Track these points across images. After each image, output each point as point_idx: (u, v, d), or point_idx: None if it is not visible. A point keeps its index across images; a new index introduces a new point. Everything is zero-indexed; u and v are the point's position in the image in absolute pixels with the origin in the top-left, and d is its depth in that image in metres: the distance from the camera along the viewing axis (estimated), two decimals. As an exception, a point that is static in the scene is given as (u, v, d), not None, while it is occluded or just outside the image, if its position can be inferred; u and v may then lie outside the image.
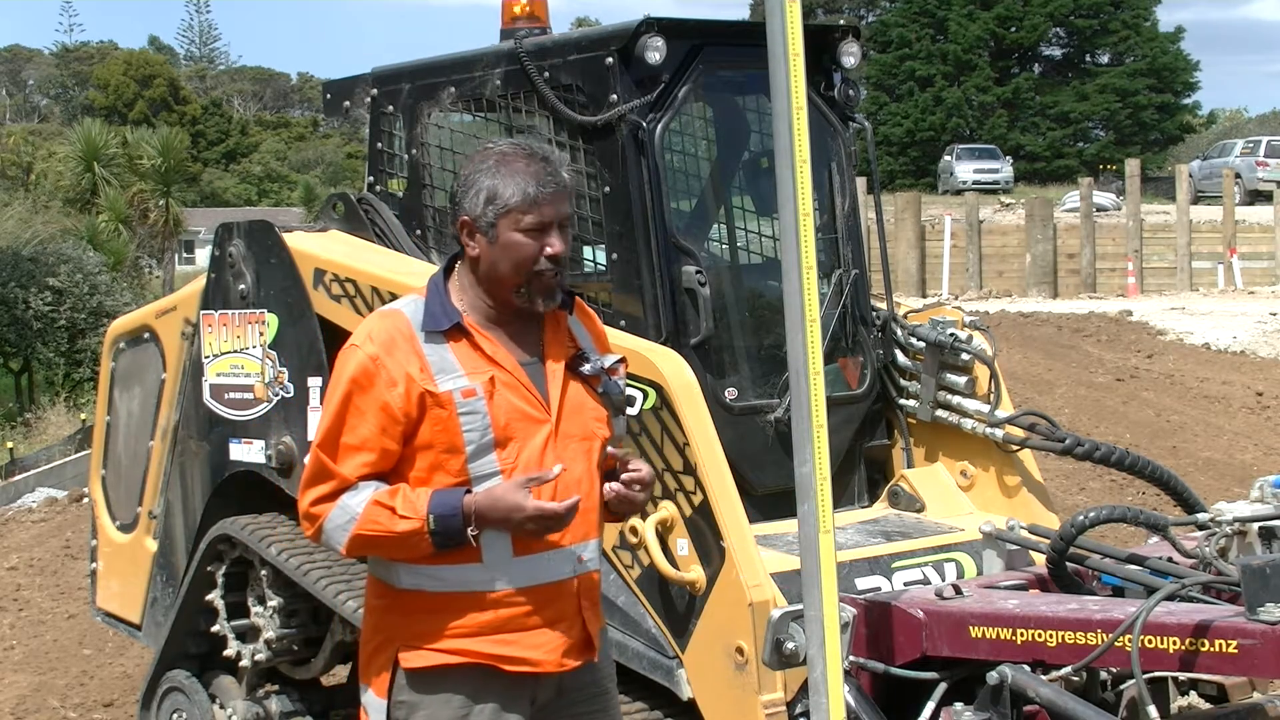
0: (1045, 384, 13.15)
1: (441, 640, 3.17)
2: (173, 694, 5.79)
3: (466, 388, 3.13)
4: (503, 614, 3.16)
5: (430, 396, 3.12)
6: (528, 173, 3.15)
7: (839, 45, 5.11)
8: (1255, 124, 54.40)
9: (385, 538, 3.11)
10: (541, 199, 3.14)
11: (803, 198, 3.38)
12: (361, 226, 5.39)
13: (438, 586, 3.17)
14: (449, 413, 3.12)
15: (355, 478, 3.14)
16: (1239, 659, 3.40)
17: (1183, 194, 28.98)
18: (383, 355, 3.14)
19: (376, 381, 3.13)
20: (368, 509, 3.11)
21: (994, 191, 38.72)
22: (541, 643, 3.19)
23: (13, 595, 9.87)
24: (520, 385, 3.18)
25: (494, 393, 3.14)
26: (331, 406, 3.18)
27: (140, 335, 6.03)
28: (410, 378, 3.12)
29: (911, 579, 4.55)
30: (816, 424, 3.38)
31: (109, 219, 34.92)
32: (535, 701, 3.25)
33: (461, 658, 3.17)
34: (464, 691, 3.18)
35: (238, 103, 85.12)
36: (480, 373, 3.16)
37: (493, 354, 3.18)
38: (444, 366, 3.15)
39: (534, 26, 5.13)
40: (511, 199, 3.14)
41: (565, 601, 3.21)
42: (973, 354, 5.01)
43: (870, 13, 57.13)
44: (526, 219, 3.14)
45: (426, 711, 3.19)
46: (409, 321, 3.19)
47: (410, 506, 3.09)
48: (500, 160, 3.18)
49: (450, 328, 3.18)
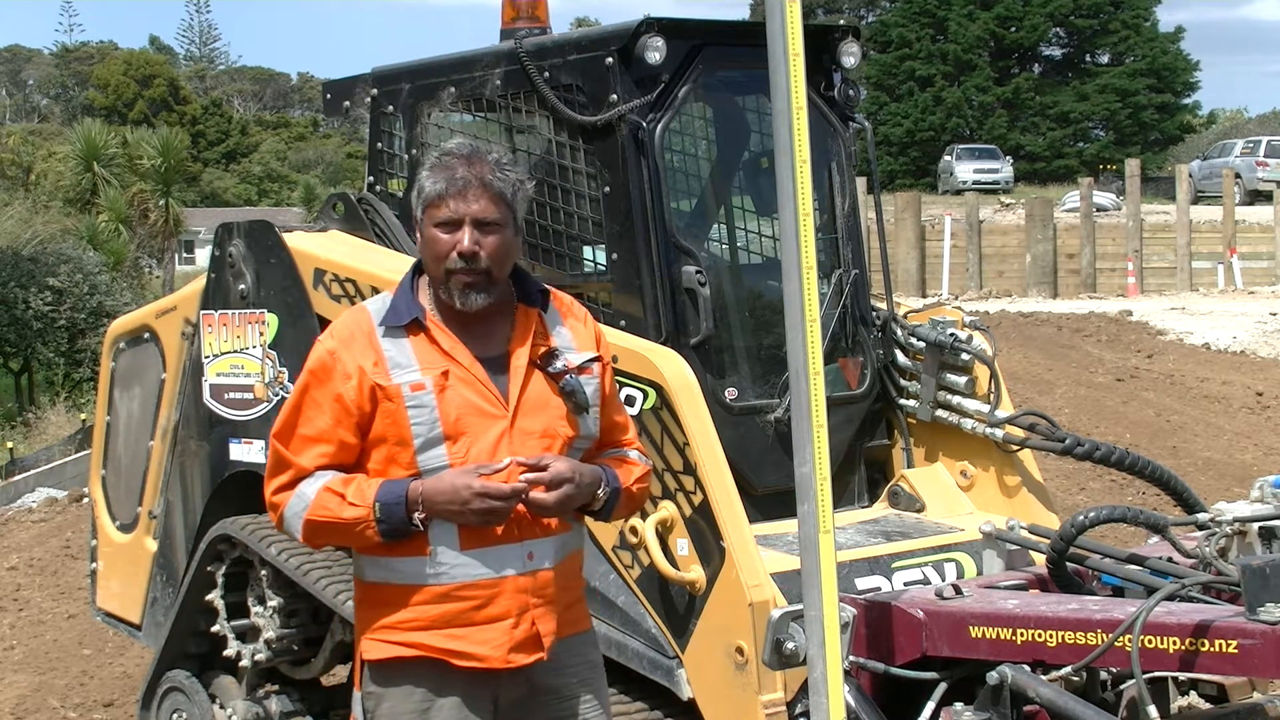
0: (1045, 384, 13.15)
1: (396, 632, 3.24)
2: (173, 694, 5.79)
3: (415, 381, 3.20)
4: (450, 608, 3.21)
5: (380, 390, 3.19)
6: (449, 169, 3.21)
7: (839, 45, 5.11)
8: (1255, 124, 54.37)
9: (334, 524, 3.19)
10: (451, 194, 3.19)
11: (803, 198, 3.38)
12: (361, 226, 5.39)
13: (394, 579, 3.24)
14: (397, 406, 3.19)
15: (313, 468, 3.22)
16: (1239, 659, 3.40)
17: (1183, 194, 28.98)
18: (340, 349, 3.25)
19: (333, 375, 3.23)
20: (319, 495, 3.19)
21: (994, 191, 38.72)
22: (488, 638, 3.22)
23: (13, 595, 9.87)
24: (476, 380, 3.22)
25: (446, 387, 3.20)
26: (291, 398, 3.30)
27: (140, 335, 6.03)
28: (363, 371, 3.21)
29: (911, 579, 4.55)
30: (816, 424, 3.38)
31: (109, 219, 34.92)
32: (499, 702, 3.29)
33: (414, 650, 3.23)
34: (425, 685, 3.24)
35: (238, 103, 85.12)
36: (434, 367, 3.22)
37: (450, 349, 3.23)
38: (399, 360, 3.22)
39: (534, 26, 5.13)
40: (429, 193, 3.22)
41: (512, 598, 3.23)
42: (973, 354, 5.01)
43: (870, 13, 57.13)
44: (439, 213, 3.21)
45: (390, 704, 3.26)
46: (370, 317, 3.28)
47: (360, 494, 3.17)
48: (438, 156, 3.27)
49: (409, 322, 3.24)
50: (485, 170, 3.21)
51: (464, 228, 3.19)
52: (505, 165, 3.26)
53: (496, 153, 3.28)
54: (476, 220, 3.20)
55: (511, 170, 3.27)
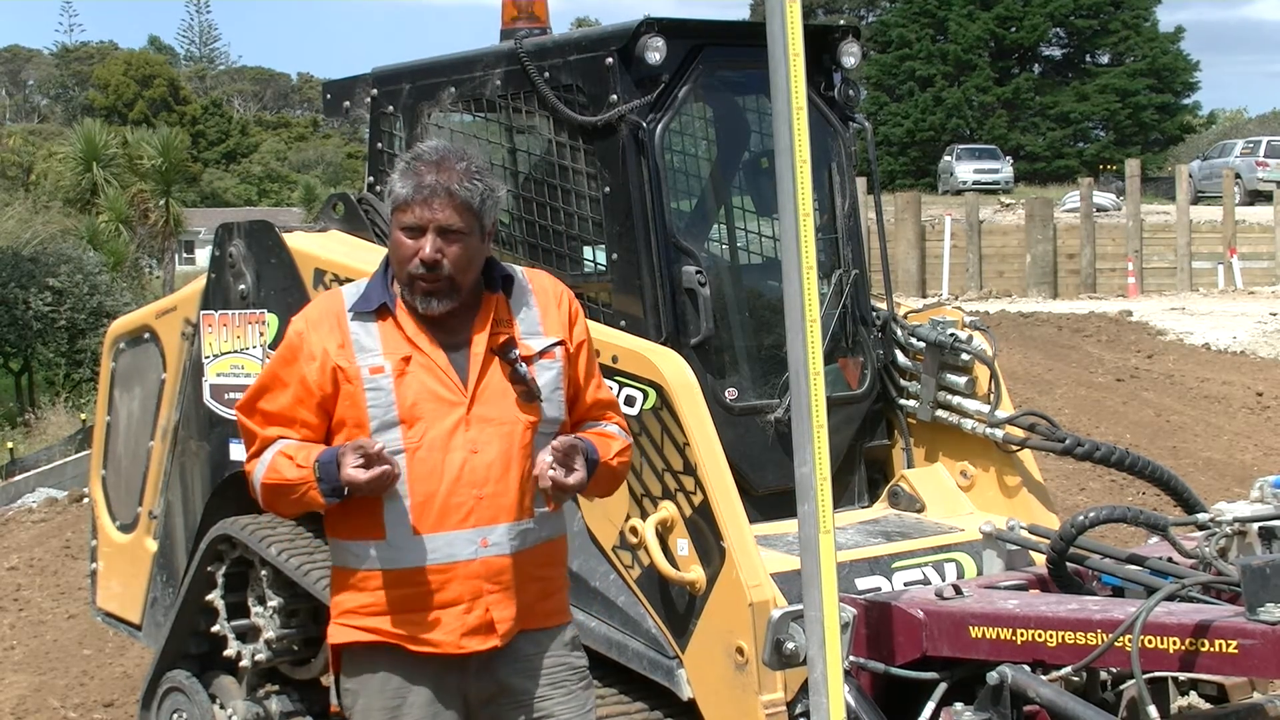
0: (1045, 384, 13.15)
1: (356, 617, 3.29)
2: (173, 694, 5.79)
3: (375, 365, 3.24)
4: (404, 593, 3.25)
5: (340, 371, 3.25)
6: (417, 175, 3.22)
7: (839, 45, 5.11)
8: (1255, 124, 54.33)
9: (282, 485, 3.24)
10: (416, 200, 3.21)
11: (803, 198, 3.38)
12: (361, 226, 5.39)
13: (353, 563, 3.30)
14: (356, 388, 3.24)
15: (275, 438, 3.28)
16: (1239, 659, 3.40)
17: (1183, 194, 28.97)
18: (308, 330, 3.30)
19: (299, 355, 3.29)
20: (274, 458, 3.26)
21: (994, 192, 38.71)
22: (440, 623, 3.24)
23: (13, 595, 9.87)
24: (436, 367, 3.25)
25: (405, 372, 3.24)
26: (260, 373, 3.40)
27: (140, 335, 6.03)
28: (326, 353, 3.26)
29: (911, 579, 4.54)
30: (816, 424, 3.38)
31: (109, 219, 34.94)
32: (469, 700, 3.31)
33: (373, 635, 3.27)
34: (395, 680, 3.27)
35: (238, 103, 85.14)
36: (397, 352, 3.26)
37: (413, 336, 3.27)
38: (365, 345, 3.27)
39: (534, 27, 5.13)
40: (396, 196, 3.24)
41: (464, 583, 3.24)
42: (973, 354, 5.01)
43: (870, 13, 57.13)
44: (405, 218, 3.24)
45: (365, 700, 3.31)
46: (344, 301, 3.33)
47: (306, 457, 3.21)
48: (410, 159, 3.28)
49: (378, 307, 3.28)
50: (452, 179, 3.21)
51: (427, 235, 3.21)
52: (474, 173, 3.25)
53: (467, 159, 3.27)
54: (441, 228, 3.21)
55: (480, 178, 3.26)
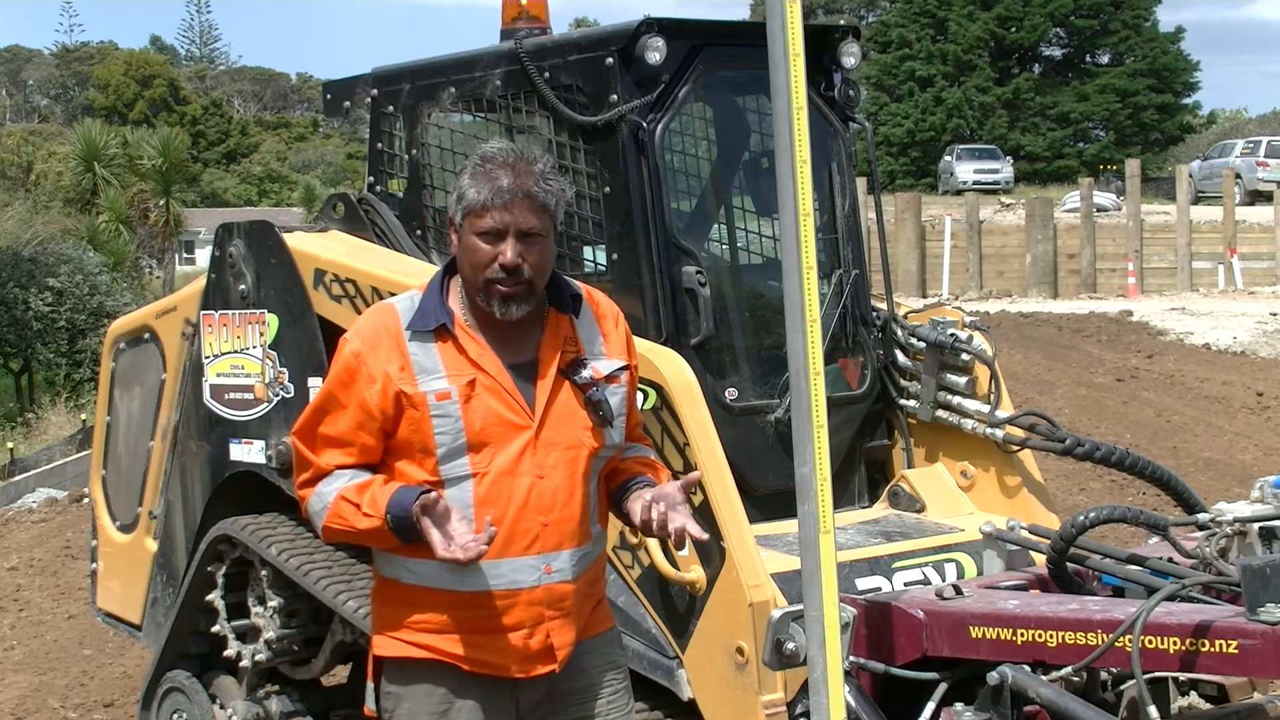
0: (1045, 384, 13.16)
1: (409, 632, 3.23)
2: (173, 694, 5.79)
3: (442, 390, 3.14)
4: (464, 614, 3.19)
5: (405, 397, 3.14)
6: (493, 177, 3.14)
7: (839, 45, 5.11)
8: (1256, 124, 54.29)
9: (350, 532, 3.17)
10: (496, 204, 3.12)
11: (803, 198, 3.38)
12: (362, 227, 5.39)
13: (409, 579, 3.22)
14: (422, 414, 3.14)
15: (332, 467, 3.20)
16: (1239, 659, 3.40)
17: (1183, 194, 28.97)
18: (365, 352, 3.18)
19: (357, 378, 3.17)
20: (336, 503, 3.16)
21: (994, 192, 38.72)
22: (500, 647, 3.20)
23: (13, 595, 9.87)
24: (502, 390, 3.17)
25: (471, 396, 3.15)
26: (315, 397, 3.26)
27: (140, 335, 6.03)
28: (388, 376, 3.15)
29: (912, 579, 4.54)
30: (816, 424, 3.37)
31: (109, 219, 34.91)
32: (519, 704, 3.28)
33: (425, 652, 3.22)
34: (444, 687, 3.22)
35: (238, 103, 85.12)
36: (461, 375, 3.16)
37: (477, 357, 3.18)
38: (426, 366, 3.17)
39: (534, 27, 5.13)
40: (471, 201, 3.15)
41: (526, 610, 3.20)
42: (973, 354, 5.01)
43: (870, 13, 57.15)
44: (482, 223, 3.14)
45: (409, 705, 3.25)
46: (399, 318, 3.21)
47: (373, 505, 3.12)
48: (480, 161, 3.19)
49: (437, 327, 3.18)
50: (530, 181, 3.14)
51: (508, 239, 3.13)
52: (549, 175, 3.19)
53: (541, 161, 3.20)
54: (521, 232, 3.13)
55: (554, 180, 3.20)
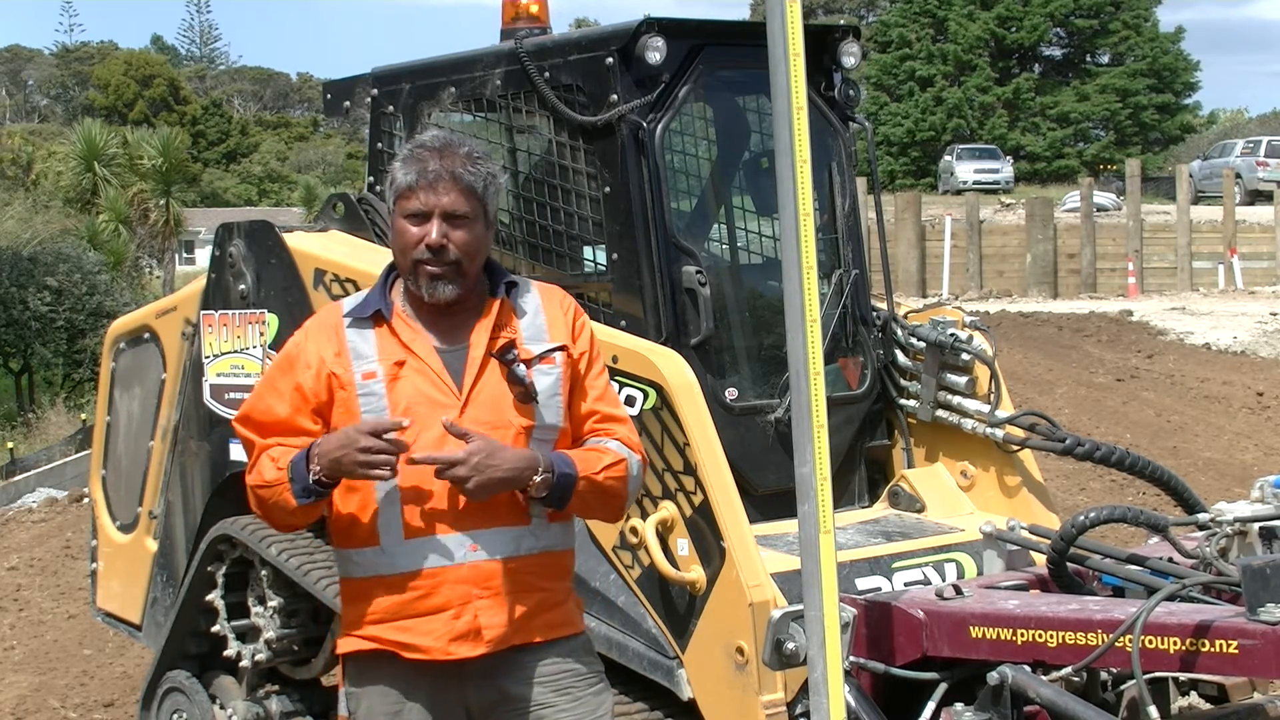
0: (1045, 384, 13.16)
1: (360, 627, 3.31)
2: (173, 694, 5.79)
3: (369, 370, 3.26)
4: (399, 599, 3.25)
5: (335, 378, 3.27)
6: (420, 161, 3.24)
7: (839, 45, 5.11)
8: (1256, 124, 54.27)
9: (263, 487, 3.26)
10: (421, 185, 3.22)
11: (803, 198, 3.38)
12: (362, 227, 5.39)
13: (356, 572, 3.32)
14: (349, 394, 3.26)
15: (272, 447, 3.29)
16: (1239, 659, 3.40)
17: (1183, 194, 28.97)
18: (305, 339, 3.34)
19: (295, 364, 3.32)
20: (260, 461, 3.28)
21: (994, 192, 38.71)
22: (430, 629, 3.24)
23: (13, 595, 9.87)
24: (430, 370, 3.26)
25: (398, 376, 3.25)
26: (258, 384, 3.42)
27: (140, 335, 6.03)
28: (323, 360, 3.29)
29: (912, 579, 4.54)
30: (817, 424, 3.37)
31: (109, 219, 34.90)
32: (470, 708, 3.30)
33: (372, 644, 3.29)
34: (396, 687, 3.29)
35: (238, 103, 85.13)
36: (390, 357, 3.27)
37: (409, 341, 3.28)
38: (362, 351, 3.29)
39: (534, 26, 5.13)
40: (400, 184, 3.26)
41: (453, 588, 3.24)
42: (973, 354, 5.01)
43: (870, 13, 57.17)
44: (409, 205, 3.25)
45: (367, 704, 3.34)
46: (342, 310, 3.35)
47: (285, 458, 3.22)
48: (411, 149, 3.30)
49: (374, 314, 3.30)
50: (456, 163, 3.23)
51: (433, 220, 3.22)
52: (478, 158, 3.28)
53: (469, 145, 3.30)
54: (446, 213, 3.23)
55: (483, 164, 3.28)
